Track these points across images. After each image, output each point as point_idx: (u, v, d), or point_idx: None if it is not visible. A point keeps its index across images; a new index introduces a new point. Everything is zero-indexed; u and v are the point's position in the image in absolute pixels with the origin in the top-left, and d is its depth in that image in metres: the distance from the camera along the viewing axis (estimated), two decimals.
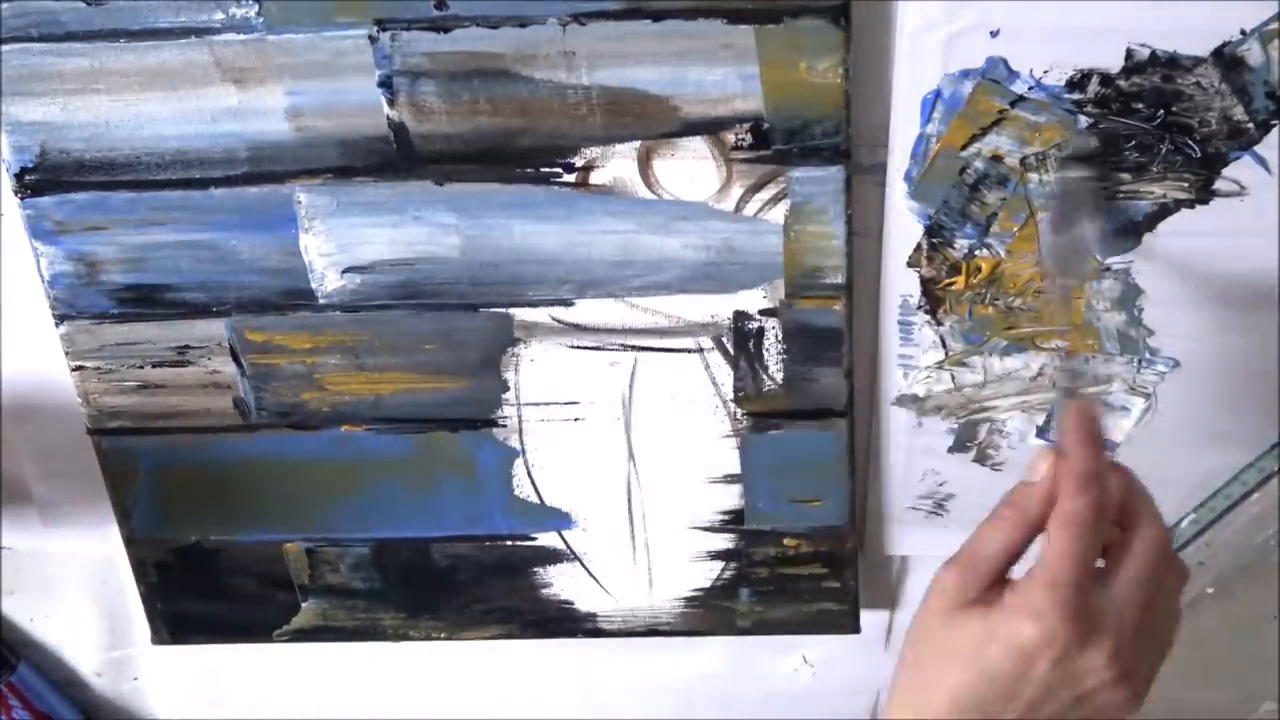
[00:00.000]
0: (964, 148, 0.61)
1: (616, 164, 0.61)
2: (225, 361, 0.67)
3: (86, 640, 0.83)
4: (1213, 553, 0.71)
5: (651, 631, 0.75)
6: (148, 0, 0.58)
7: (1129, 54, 0.58)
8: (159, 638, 0.77)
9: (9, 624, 0.82)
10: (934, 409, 0.68)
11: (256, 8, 0.58)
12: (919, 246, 0.64)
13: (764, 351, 0.66)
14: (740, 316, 0.65)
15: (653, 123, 0.60)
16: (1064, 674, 0.49)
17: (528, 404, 0.68)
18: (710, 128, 0.60)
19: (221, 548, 0.73)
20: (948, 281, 0.65)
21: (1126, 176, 0.61)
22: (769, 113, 0.59)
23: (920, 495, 0.71)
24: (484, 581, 0.74)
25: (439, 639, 0.76)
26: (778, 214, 0.62)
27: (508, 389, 0.67)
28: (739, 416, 0.68)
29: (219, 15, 0.58)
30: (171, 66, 0.59)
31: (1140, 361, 0.66)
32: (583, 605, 0.75)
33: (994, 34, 0.58)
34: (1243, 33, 0.58)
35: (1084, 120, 0.60)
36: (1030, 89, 0.59)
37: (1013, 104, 0.60)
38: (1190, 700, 0.78)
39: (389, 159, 0.61)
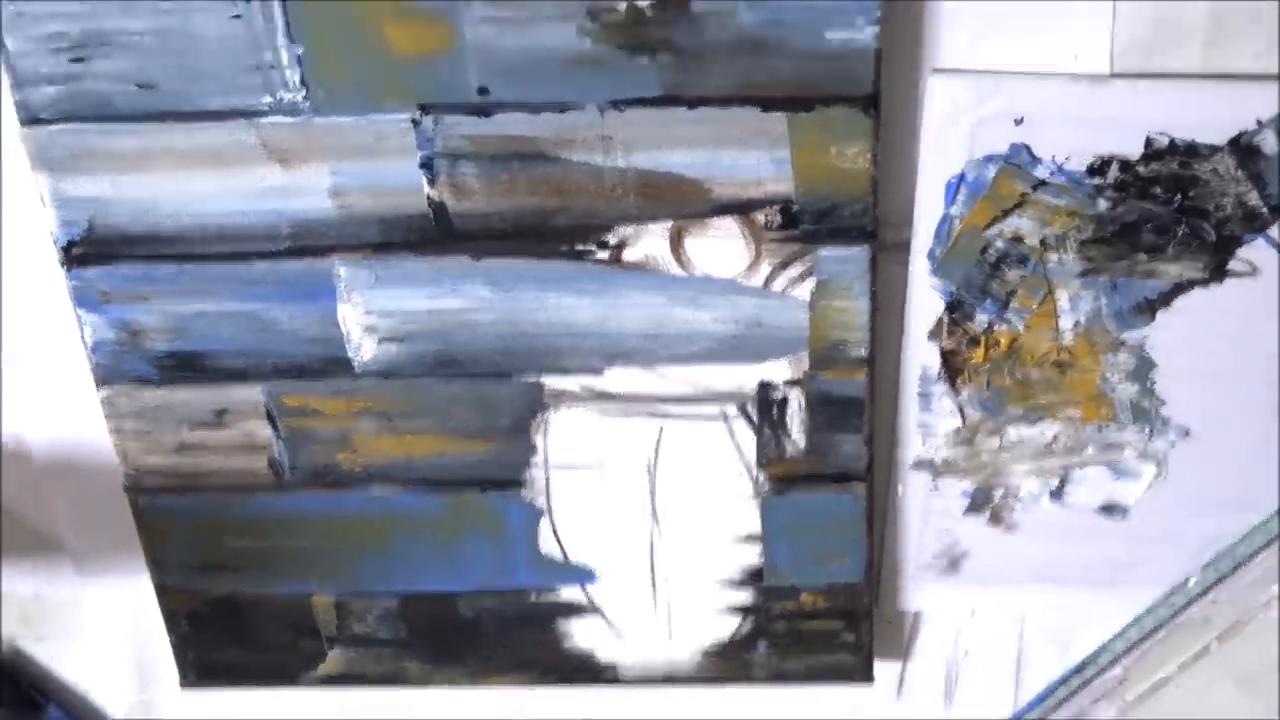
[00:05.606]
0: (986, 228, 0.63)
1: (649, 241, 0.62)
2: (261, 424, 0.68)
3: (115, 683, 0.83)
4: (1218, 609, 0.73)
5: (668, 679, 0.77)
6: (198, 84, 0.59)
7: (1149, 142, 0.60)
8: (187, 681, 0.78)
9: (38, 666, 0.83)
10: (951, 473, 0.70)
11: (304, 92, 0.59)
12: (940, 321, 0.66)
13: (787, 419, 0.67)
14: (765, 386, 0.66)
15: (685, 203, 0.61)
16: None
17: (555, 466, 0.69)
18: (741, 208, 0.61)
19: (252, 602, 0.74)
20: (967, 354, 0.66)
21: (1143, 256, 0.63)
22: (799, 195, 0.61)
23: (935, 554, 0.73)
24: (507, 632, 0.75)
25: (461, 685, 0.78)
26: (804, 289, 0.63)
27: (535, 452, 0.69)
28: (761, 480, 0.69)
29: (267, 99, 0.59)
30: (219, 147, 0.60)
31: (1152, 430, 0.68)
32: (603, 657, 0.76)
33: (1018, 121, 0.60)
34: (1259, 123, 0.59)
35: (1104, 204, 0.62)
36: (1052, 174, 0.61)
37: (1034, 188, 0.62)
38: None
39: (428, 235, 0.62)
